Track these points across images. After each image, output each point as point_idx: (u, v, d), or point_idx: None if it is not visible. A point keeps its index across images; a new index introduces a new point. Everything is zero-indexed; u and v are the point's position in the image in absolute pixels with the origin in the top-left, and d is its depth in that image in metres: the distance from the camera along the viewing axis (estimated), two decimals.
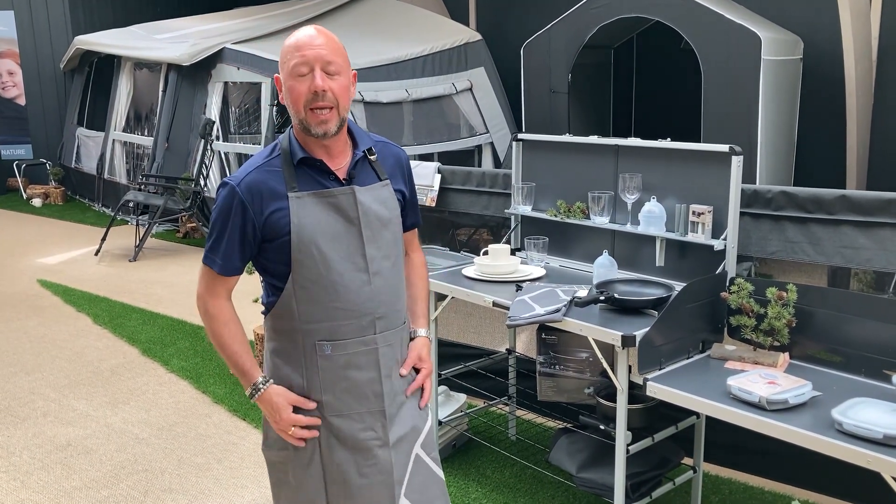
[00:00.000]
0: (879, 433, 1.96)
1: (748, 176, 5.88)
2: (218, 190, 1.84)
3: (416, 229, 2.14)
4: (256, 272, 1.96)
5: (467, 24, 9.47)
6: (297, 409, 1.87)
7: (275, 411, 1.85)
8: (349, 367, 1.89)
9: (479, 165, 8.26)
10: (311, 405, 1.87)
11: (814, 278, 3.80)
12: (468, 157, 8.27)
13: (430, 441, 2.03)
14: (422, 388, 2.02)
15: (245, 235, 1.82)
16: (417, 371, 2.02)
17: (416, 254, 2.17)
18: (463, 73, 8.29)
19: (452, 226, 6.65)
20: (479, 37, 8.53)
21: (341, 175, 1.85)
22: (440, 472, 2.04)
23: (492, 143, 8.25)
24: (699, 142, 3.26)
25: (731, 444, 3.21)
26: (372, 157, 1.91)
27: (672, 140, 2.95)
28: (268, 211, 1.80)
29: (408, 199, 2.02)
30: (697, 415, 2.86)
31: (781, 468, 3.15)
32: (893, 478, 1.94)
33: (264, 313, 1.95)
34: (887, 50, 6.80)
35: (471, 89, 8.27)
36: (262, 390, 1.87)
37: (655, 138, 3.02)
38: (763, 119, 5.89)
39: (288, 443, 1.89)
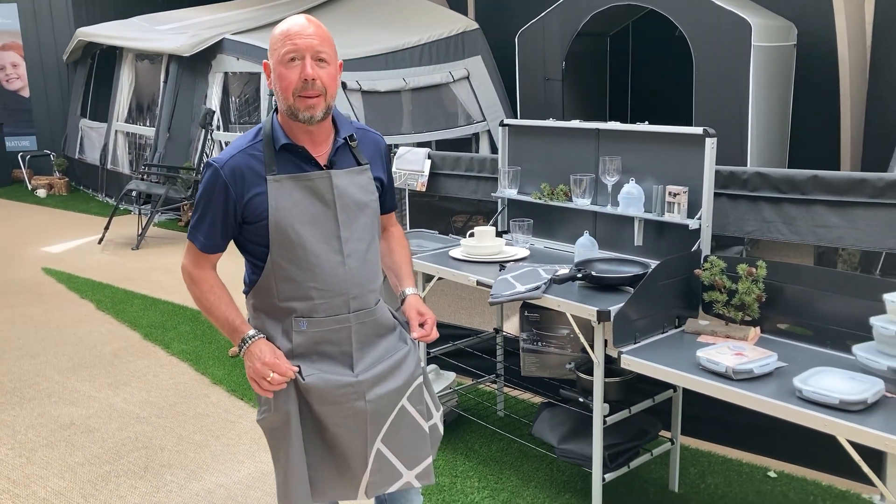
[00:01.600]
0: (835, 399, 2.06)
1: (739, 160, 5.96)
2: (203, 169, 1.94)
3: (393, 213, 2.24)
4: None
5: (466, 13, 9.54)
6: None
7: (261, 354, 1.91)
8: (323, 342, 2.00)
9: (477, 153, 8.35)
10: (292, 374, 1.95)
11: (804, 260, 3.90)
12: (466, 144, 8.36)
13: (417, 394, 2.12)
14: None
15: (227, 216, 1.92)
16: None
17: (395, 227, 2.28)
18: (460, 61, 8.37)
19: (449, 213, 6.76)
20: (475, 26, 8.61)
21: (322, 161, 1.95)
22: (424, 425, 2.13)
23: (489, 131, 8.34)
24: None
25: (709, 418, 3.32)
26: (353, 144, 2.00)
27: (666, 125, 3.01)
28: (249, 194, 1.90)
29: (386, 185, 2.11)
30: (674, 388, 2.97)
31: (758, 441, 3.25)
32: (848, 441, 2.04)
33: (245, 292, 2.06)
34: (882, 33, 6.86)
35: (468, 78, 8.35)
36: (250, 342, 1.94)
37: (651, 122, 3.08)
38: (754, 104, 5.97)
39: (272, 405, 1.99)
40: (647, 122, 3.04)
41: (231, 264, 2.07)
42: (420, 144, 7.61)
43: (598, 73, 8.16)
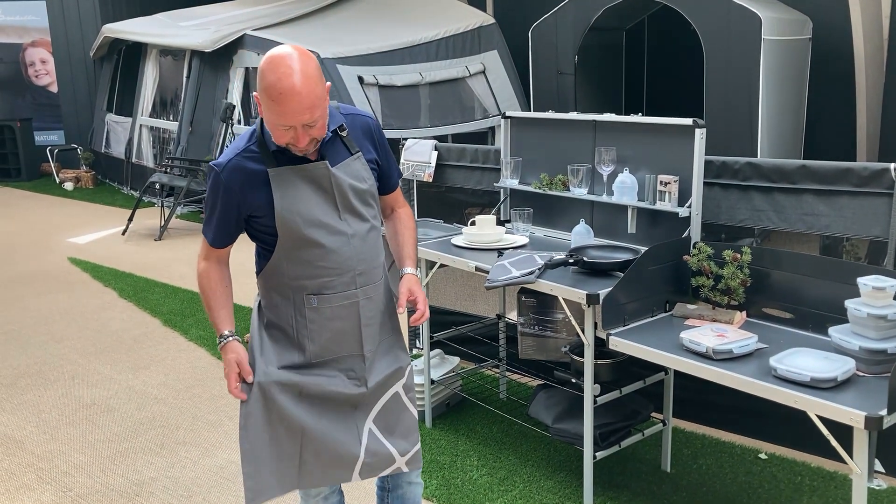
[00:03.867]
0: (807, 376, 2.16)
1: (749, 152, 6.01)
2: (207, 172, 2.08)
3: (399, 189, 2.34)
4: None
5: (484, 7, 9.63)
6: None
7: (226, 364, 2.10)
8: (333, 318, 2.12)
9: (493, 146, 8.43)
10: (250, 378, 2.08)
11: (811, 251, 3.96)
12: (482, 138, 8.46)
13: (409, 383, 2.28)
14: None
15: (230, 214, 2.06)
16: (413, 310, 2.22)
17: (403, 208, 2.37)
18: (476, 56, 8.47)
19: (462, 205, 6.87)
20: (492, 20, 8.70)
21: (313, 157, 2.05)
22: (414, 411, 2.28)
23: None
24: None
25: (703, 402, 3.41)
26: (343, 133, 2.09)
27: (679, 117, 3.07)
28: (250, 191, 2.02)
29: (382, 165, 2.20)
30: (666, 371, 3.07)
31: (751, 425, 3.34)
32: (818, 416, 2.13)
33: (258, 273, 2.19)
34: None
35: (484, 72, 8.45)
36: (224, 342, 2.11)
37: (667, 116, 3.15)
38: (765, 98, 6.00)
39: (275, 387, 2.12)
40: (640, 114, 3.14)
41: (239, 253, 2.20)
42: (437, 138, 7.72)
43: (614, 67, 8.23)
